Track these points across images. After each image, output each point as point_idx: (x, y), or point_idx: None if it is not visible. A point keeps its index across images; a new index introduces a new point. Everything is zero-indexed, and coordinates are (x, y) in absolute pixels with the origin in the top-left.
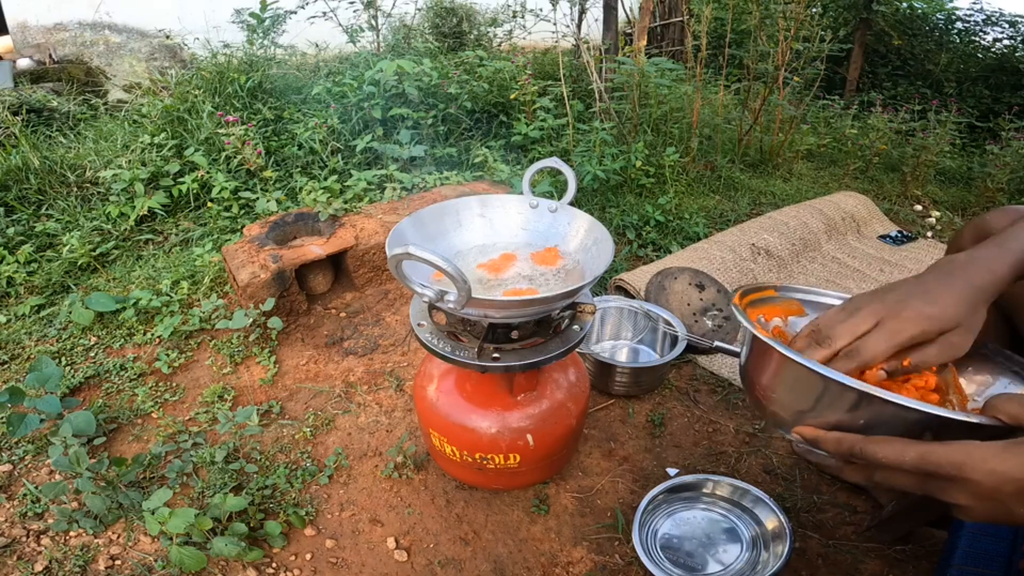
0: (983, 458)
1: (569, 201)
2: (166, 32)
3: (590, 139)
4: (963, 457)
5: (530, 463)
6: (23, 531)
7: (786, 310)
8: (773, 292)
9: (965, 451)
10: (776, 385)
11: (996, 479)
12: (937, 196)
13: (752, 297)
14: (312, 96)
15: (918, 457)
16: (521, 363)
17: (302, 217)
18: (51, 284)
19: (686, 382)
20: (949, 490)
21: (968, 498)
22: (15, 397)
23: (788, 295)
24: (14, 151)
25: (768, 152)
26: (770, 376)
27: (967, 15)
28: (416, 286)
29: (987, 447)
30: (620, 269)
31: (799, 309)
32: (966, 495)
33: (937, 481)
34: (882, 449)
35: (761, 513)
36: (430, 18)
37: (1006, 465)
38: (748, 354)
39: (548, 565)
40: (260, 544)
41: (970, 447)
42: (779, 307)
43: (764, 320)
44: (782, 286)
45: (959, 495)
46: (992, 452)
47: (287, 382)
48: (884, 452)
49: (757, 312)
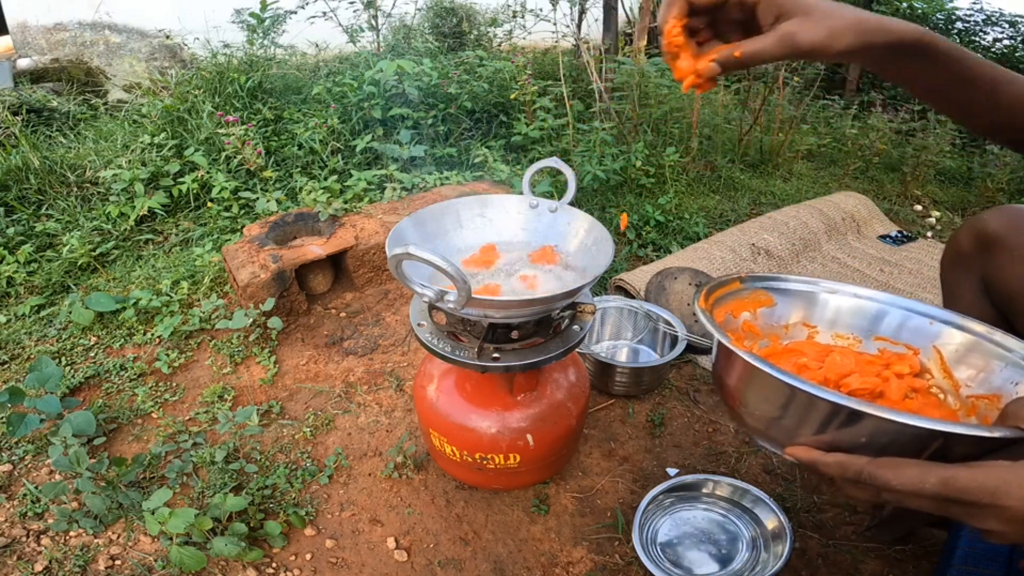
0: (1020, 484)
1: (569, 201)
2: (166, 32)
3: (590, 139)
4: (996, 483)
5: (530, 463)
6: (23, 531)
7: (754, 302)
8: (738, 284)
9: (998, 476)
10: (755, 400)
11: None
12: (937, 196)
13: (718, 293)
14: (312, 96)
15: (941, 484)
16: (521, 363)
17: (302, 217)
18: (51, 284)
19: (686, 382)
20: (978, 516)
21: (1002, 524)
22: (15, 397)
23: (754, 285)
24: (14, 151)
25: (768, 152)
26: (745, 389)
27: (967, 15)
28: (416, 286)
29: (1021, 469)
30: (620, 269)
31: (767, 300)
32: (999, 521)
33: (963, 507)
34: (897, 476)
35: (761, 513)
36: (430, 18)
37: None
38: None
39: (548, 565)
40: (260, 544)
41: (1002, 471)
42: (746, 300)
43: (732, 317)
44: (747, 276)
45: (990, 521)
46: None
47: (287, 382)
48: (900, 480)
49: (725, 309)
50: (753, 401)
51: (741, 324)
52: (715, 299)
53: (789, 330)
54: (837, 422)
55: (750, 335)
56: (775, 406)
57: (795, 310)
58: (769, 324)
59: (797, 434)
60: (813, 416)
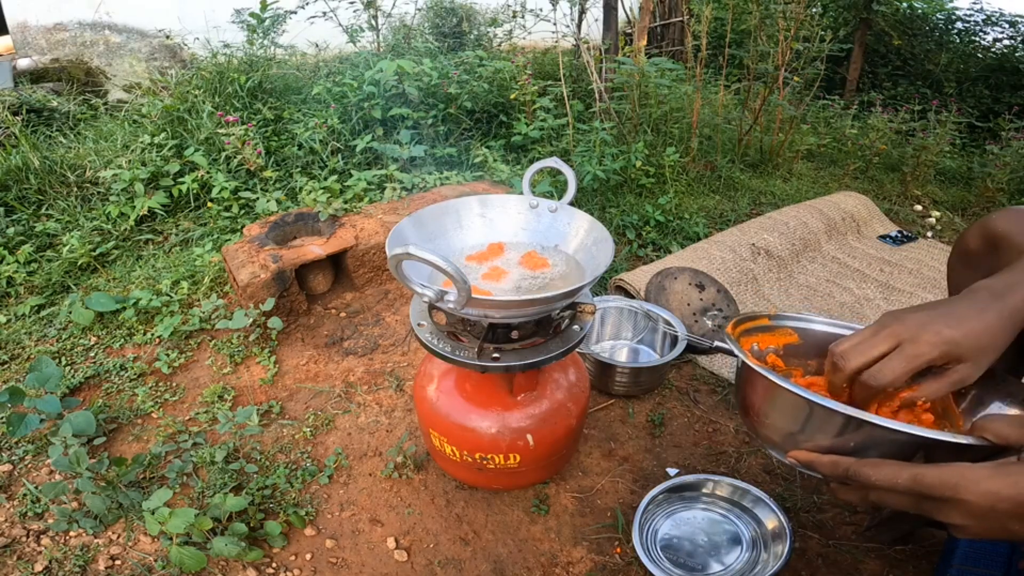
0: (976, 479)
1: (569, 201)
2: (166, 32)
3: (590, 139)
4: (956, 479)
5: (530, 463)
6: (23, 531)
7: (780, 338)
8: (767, 321)
9: (958, 473)
10: (767, 410)
11: (990, 499)
12: (937, 196)
13: (745, 326)
14: (312, 96)
15: (911, 479)
16: (521, 363)
17: (302, 217)
18: (51, 284)
19: (686, 382)
20: (944, 510)
21: (963, 518)
22: (15, 397)
23: (781, 323)
24: (14, 151)
25: (768, 152)
26: (761, 402)
27: (967, 15)
28: (416, 286)
29: (979, 469)
30: (620, 269)
31: (793, 337)
32: (961, 515)
33: (931, 502)
34: (876, 472)
35: (761, 513)
36: (430, 18)
37: (999, 485)
38: (740, 382)
39: (548, 565)
40: (260, 544)
41: (963, 469)
42: (773, 336)
43: (759, 348)
44: (775, 315)
45: (954, 515)
46: (985, 473)
47: (287, 382)
48: (878, 475)
49: (751, 341)
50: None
51: (768, 357)
52: (742, 330)
53: (813, 366)
54: (837, 430)
55: (774, 368)
56: (788, 418)
57: (817, 349)
58: (794, 361)
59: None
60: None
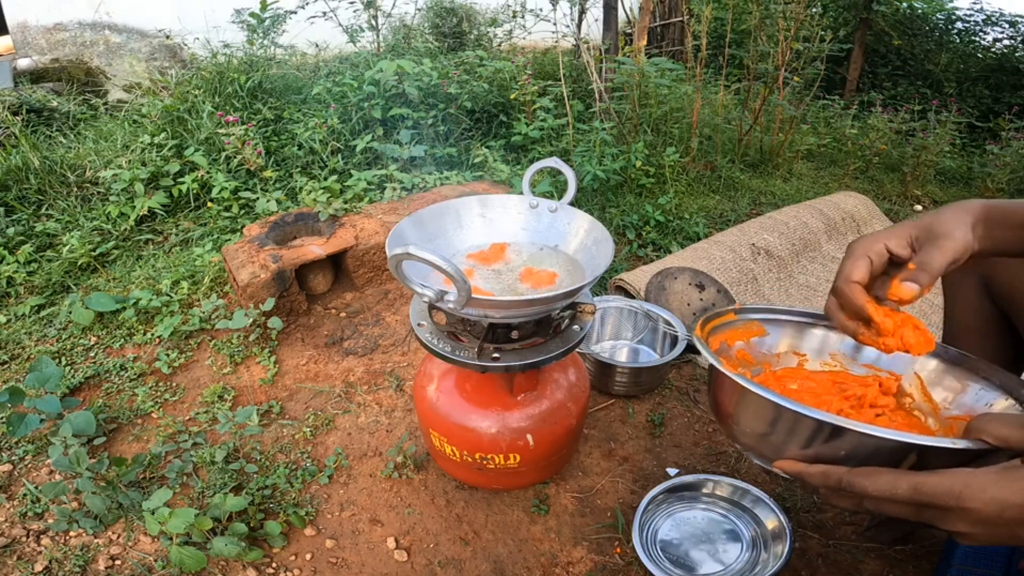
0: (981, 487)
1: (569, 201)
2: (166, 32)
3: (590, 139)
4: (960, 487)
5: (530, 463)
6: (23, 531)
7: (747, 332)
8: (733, 316)
9: (962, 481)
10: (739, 413)
11: (997, 506)
12: (937, 196)
13: (714, 323)
14: (312, 96)
15: (911, 489)
16: (521, 363)
17: (302, 217)
18: (51, 284)
19: (686, 382)
20: (948, 518)
21: (968, 525)
22: (15, 397)
23: (747, 316)
24: (14, 151)
25: (768, 152)
26: (733, 405)
27: (967, 15)
28: (416, 286)
29: (983, 475)
30: (620, 269)
31: (760, 330)
32: (966, 523)
33: (934, 510)
34: (872, 483)
35: (761, 513)
36: (430, 18)
37: (1006, 492)
38: (711, 383)
39: (548, 565)
40: (260, 544)
41: (966, 476)
42: (740, 330)
43: (727, 345)
44: (741, 308)
45: (958, 523)
46: (990, 480)
47: (287, 382)
48: (874, 486)
49: (720, 338)
50: (745, 420)
51: (735, 352)
52: (711, 328)
53: (780, 358)
54: (821, 438)
55: (744, 363)
56: (765, 423)
57: (785, 339)
58: (761, 352)
59: (784, 449)
60: (799, 432)
